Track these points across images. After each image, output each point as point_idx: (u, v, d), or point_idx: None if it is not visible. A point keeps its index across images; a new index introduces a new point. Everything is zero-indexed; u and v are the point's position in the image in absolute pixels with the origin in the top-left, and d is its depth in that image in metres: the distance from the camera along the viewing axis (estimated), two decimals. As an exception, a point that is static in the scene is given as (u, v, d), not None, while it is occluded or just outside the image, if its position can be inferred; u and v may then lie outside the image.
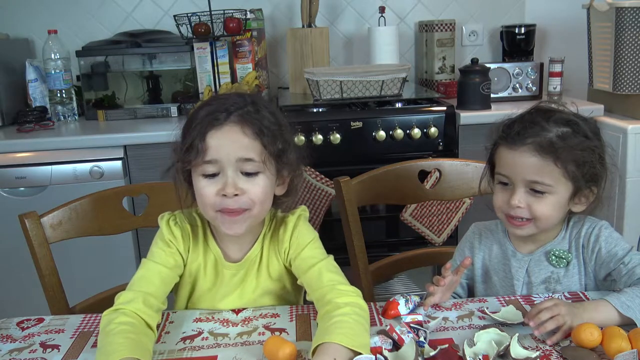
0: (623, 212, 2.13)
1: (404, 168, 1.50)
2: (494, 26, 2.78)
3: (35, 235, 1.26)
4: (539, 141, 1.03)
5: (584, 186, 1.06)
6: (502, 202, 1.09)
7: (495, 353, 0.88)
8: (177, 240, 1.08)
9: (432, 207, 2.14)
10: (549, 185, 1.04)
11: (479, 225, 1.23)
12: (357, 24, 2.76)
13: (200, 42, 2.29)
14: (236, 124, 0.98)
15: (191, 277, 1.12)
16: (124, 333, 0.92)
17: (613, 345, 0.88)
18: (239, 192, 0.99)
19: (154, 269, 1.05)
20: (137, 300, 0.99)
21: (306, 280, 1.06)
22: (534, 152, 1.03)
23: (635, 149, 2.08)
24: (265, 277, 1.12)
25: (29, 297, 1.66)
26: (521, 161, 1.04)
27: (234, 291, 1.12)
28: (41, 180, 2.06)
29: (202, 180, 1.00)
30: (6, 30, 2.53)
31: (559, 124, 1.04)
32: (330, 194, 2.10)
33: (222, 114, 0.98)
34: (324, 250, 1.10)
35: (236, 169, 0.99)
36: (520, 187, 1.06)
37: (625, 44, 2.12)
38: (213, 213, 1.01)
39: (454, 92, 2.38)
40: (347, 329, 0.91)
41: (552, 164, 1.02)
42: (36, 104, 2.39)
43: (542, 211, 1.05)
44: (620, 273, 1.06)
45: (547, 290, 1.13)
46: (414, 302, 1.06)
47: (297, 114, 2.21)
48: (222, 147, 0.97)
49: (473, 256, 1.20)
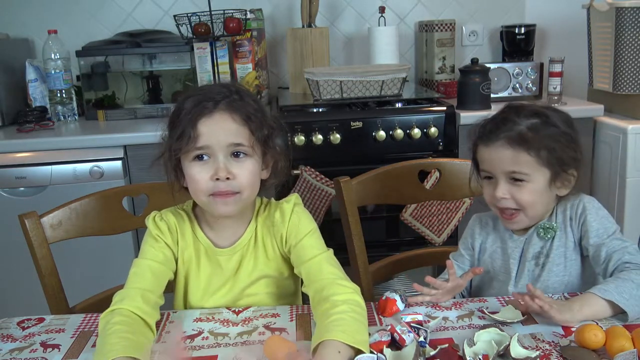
0: (623, 212, 2.13)
1: (404, 168, 1.50)
2: (494, 26, 2.78)
3: (35, 235, 1.27)
4: (510, 135, 1.10)
5: (561, 170, 1.11)
6: (490, 196, 1.15)
7: (495, 353, 0.88)
8: (164, 234, 1.10)
9: (432, 207, 2.14)
10: (526, 173, 1.10)
11: (480, 214, 1.29)
12: (357, 24, 2.76)
13: (200, 42, 2.29)
14: (225, 111, 1.02)
15: (185, 271, 1.13)
16: (118, 333, 0.93)
17: (615, 345, 0.88)
18: (230, 176, 1.03)
19: (144, 265, 1.07)
20: (132, 297, 1.00)
21: (305, 270, 1.07)
22: (507, 146, 1.10)
23: (635, 149, 2.09)
24: (262, 259, 1.14)
25: (29, 297, 1.66)
26: (497, 155, 1.11)
27: (230, 278, 1.13)
28: (41, 180, 2.06)
29: (195, 166, 1.04)
30: (6, 30, 2.53)
31: (528, 116, 1.11)
32: (330, 194, 2.10)
33: (210, 102, 1.02)
34: (323, 242, 1.11)
35: (227, 153, 1.03)
36: (502, 179, 1.12)
37: (625, 44, 2.12)
38: (205, 198, 1.05)
39: (454, 92, 2.38)
40: (346, 326, 0.92)
41: (524, 154, 1.09)
42: (36, 104, 2.39)
43: (525, 199, 1.11)
44: (599, 256, 1.10)
45: (537, 266, 1.17)
46: (405, 296, 1.07)
47: (297, 114, 2.21)
48: (214, 133, 1.01)
49: (474, 241, 1.25)
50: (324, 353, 0.88)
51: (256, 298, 1.14)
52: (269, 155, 1.09)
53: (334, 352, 0.88)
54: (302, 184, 2.12)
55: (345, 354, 0.88)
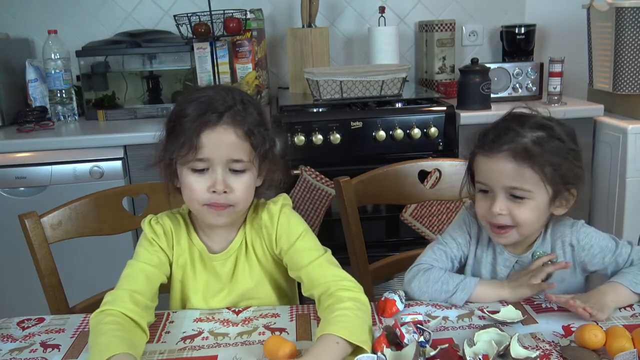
0: (623, 212, 2.13)
1: (404, 168, 1.50)
2: (494, 26, 2.78)
3: (35, 235, 1.27)
4: (514, 147, 1.03)
5: (563, 189, 1.06)
6: (484, 211, 1.09)
7: (495, 353, 0.88)
8: (160, 237, 1.10)
9: (432, 207, 2.14)
10: (528, 190, 1.04)
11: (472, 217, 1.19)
12: (357, 24, 2.76)
13: (200, 42, 2.29)
14: (229, 125, 1.01)
15: (180, 275, 1.13)
16: (113, 332, 0.93)
17: (615, 344, 0.88)
18: (227, 189, 1.02)
19: (137, 267, 1.07)
20: (122, 298, 1.00)
21: (305, 275, 1.06)
22: (510, 159, 1.03)
23: (635, 149, 2.09)
24: (255, 262, 1.13)
25: (29, 297, 1.66)
26: (498, 168, 1.05)
27: (227, 283, 1.13)
28: (41, 180, 2.06)
29: (192, 175, 1.03)
30: (6, 30, 2.53)
31: (534, 128, 1.05)
32: (330, 194, 2.10)
33: (214, 114, 1.00)
34: (318, 241, 1.11)
35: (225, 167, 1.02)
36: (501, 194, 1.06)
37: (625, 44, 2.12)
38: (199, 207, 1.04)
39: (454, 92, 2.38)
40: (349, 323, 0.92)
41: (529, 170, 1.03)
42: (36, 104, 2.39)
43: (524, 217, 1.06)
44: (617, 266, 1.11)
45: None
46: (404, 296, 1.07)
47: (297, 114, 2.21)
48: (215, 147, 1.00)
49: (470, 245, 1.19)
50: (321, 344, 0.89)
51: (255, 302, 1.14)
52: (265, 165, 1.08)
53: (332, 343, 0.89)
54: (302, 184, 2.12)
55: (343, 347, 0.89)
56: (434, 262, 1.15)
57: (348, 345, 0.90)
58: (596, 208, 2.29)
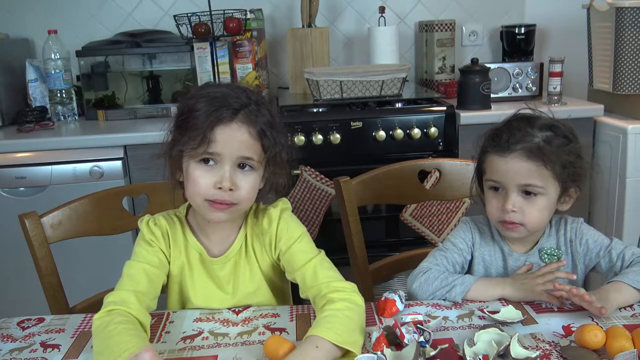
0: (623, 212, 2.13)
1: (404, 168, 1.50)
2: (494, 26, 2.78)
3: (35, 235, 1.26)
4: (527, 147, 1.08)
5: (570, 185, 1.12)
6: (496, 209, 1.13)
7: (495, 353, 0.88)
8: (158, 239, 1.10)
9: (432, 207, 2.14)
10: (541, 187, 1.09)
11: (475, 221, 1.24)
12: (357, 24, 2.76)
13: (200, 42, 2.29)
14: (244, 123, 1.01)
15: (178, 277, 1.12)
16: (128, 331, 0.92)
17: (616, 344, 0.88)
18: (233, 187, 1.01)
19: (139, 267, 1.06)
20: (129, 299, 0.99)
21: (300, 277, 1.07)
22: (524, 158, 1.08)
23: (635, 149, 2.09)
24: (255, 266, 1.13)
25: (29, 297, 1.66)
26: (513, 167, 1.09)
27: (227, 285, 1.12)
28: (41, 180, 2.06)
29: (199, 169, 1.02)
30: (6, 30, 2.53)
31: (542, 128, 1.11)
32: (330, 194, 2.10)
33: (229, 110, 1.00)
34: (314, 244, 1.11)
35: (234, 164, 1.02)
36: (513, 191, 1.11)
37: (625, 44, 2.12)
38: (201, 201, 1.03)
39: (454, 92, 2.38)
40: (337, 324, 0.92)
41: (542, 167, 1.08)
42: (36, 104, 2.39)
43: (535, 212, 1.11)
44: (610, 260, 1.15)
45: None
46: (404, 296, 1.07)
47: (297, 114, 2.21)
48: (228, 143, 1.00)
49: (474, 251, 1.21)
50: (302, 347, 0.89)
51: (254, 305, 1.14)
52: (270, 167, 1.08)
53: (311, 347, 0.88)
54: (302, 184, 2.12)
55: (325, 350, 0.88)
56: (435, 266, 1.17)
57: (333, 347, 0.89)
58: (596, 208, 2.29)
